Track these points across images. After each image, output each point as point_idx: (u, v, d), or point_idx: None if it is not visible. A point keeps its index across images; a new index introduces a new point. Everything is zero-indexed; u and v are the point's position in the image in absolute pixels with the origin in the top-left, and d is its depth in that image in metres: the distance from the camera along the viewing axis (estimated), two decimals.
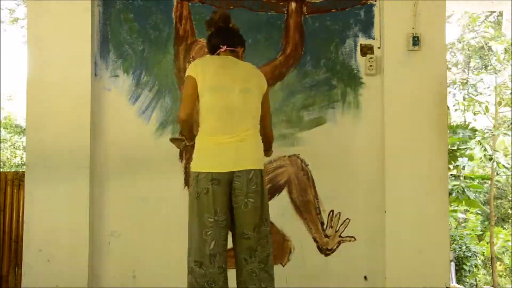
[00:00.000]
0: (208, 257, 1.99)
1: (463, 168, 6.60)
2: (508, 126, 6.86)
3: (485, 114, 6.61)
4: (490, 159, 6.10)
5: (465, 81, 7.58)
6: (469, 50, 8.41)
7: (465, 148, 5.92)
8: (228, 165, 2.00)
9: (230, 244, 2.76)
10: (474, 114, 6.66)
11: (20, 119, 8.75)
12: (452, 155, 5.71)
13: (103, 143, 2.70)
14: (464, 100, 7.22)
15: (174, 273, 2.69)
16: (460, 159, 6.14)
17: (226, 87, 2.04)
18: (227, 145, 2.01)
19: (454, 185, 5.98)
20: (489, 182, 6.80)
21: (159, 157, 2.73)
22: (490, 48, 7.52)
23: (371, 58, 2.77)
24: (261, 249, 2.03)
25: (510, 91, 6.77)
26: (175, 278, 2.69)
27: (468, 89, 7.34)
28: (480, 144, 5.90)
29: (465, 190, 5.93)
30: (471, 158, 6.09)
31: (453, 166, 6.12)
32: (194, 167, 2.03)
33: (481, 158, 6.11)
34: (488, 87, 7.51)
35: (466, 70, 8.61)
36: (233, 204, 2.02)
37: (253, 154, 2.05)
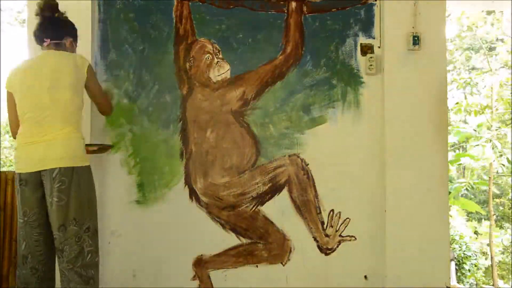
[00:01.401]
0: (22, 258, 2.00)
1: (464, 169, 6.59)
2: (508, 125, 6.85)
3: (483, 113, 6.61)
4: (501, 155, 6.10)
5: (468, 80, 7.57)
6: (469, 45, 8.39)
7: (476, 145, 5.93)
8: (34, 165, 1.99)
9: (232, 243, 2.76)
10: (475, 114, 6.65)
11: None
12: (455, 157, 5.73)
13: (103, 143, 2.69)
14: (464, 99, 7.21)
15: (174, 273, 2.70)
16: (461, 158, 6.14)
17: (32, 87, 2.03)
18: (35, 145, 2.00)
19: (461, 182, 5.98)
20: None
21: (159, 157, 2.73)
22: (491, 48, 7.51)
23: (371, 57, 2.77)
24: (68, 249, 1.95)
25: (510, 91, 6.76)
26: (175, 278, 2.69)
27: (471, 88, 7.34)
28: (490, 141, 5.91)
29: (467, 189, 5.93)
30: (478, 154, 6.09)
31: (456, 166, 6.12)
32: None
33: (491, 157, 6.11)
34: (484, 87, 7.51)
35: (462, 69, 8.60)
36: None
37: (61, 152, 2.00)
